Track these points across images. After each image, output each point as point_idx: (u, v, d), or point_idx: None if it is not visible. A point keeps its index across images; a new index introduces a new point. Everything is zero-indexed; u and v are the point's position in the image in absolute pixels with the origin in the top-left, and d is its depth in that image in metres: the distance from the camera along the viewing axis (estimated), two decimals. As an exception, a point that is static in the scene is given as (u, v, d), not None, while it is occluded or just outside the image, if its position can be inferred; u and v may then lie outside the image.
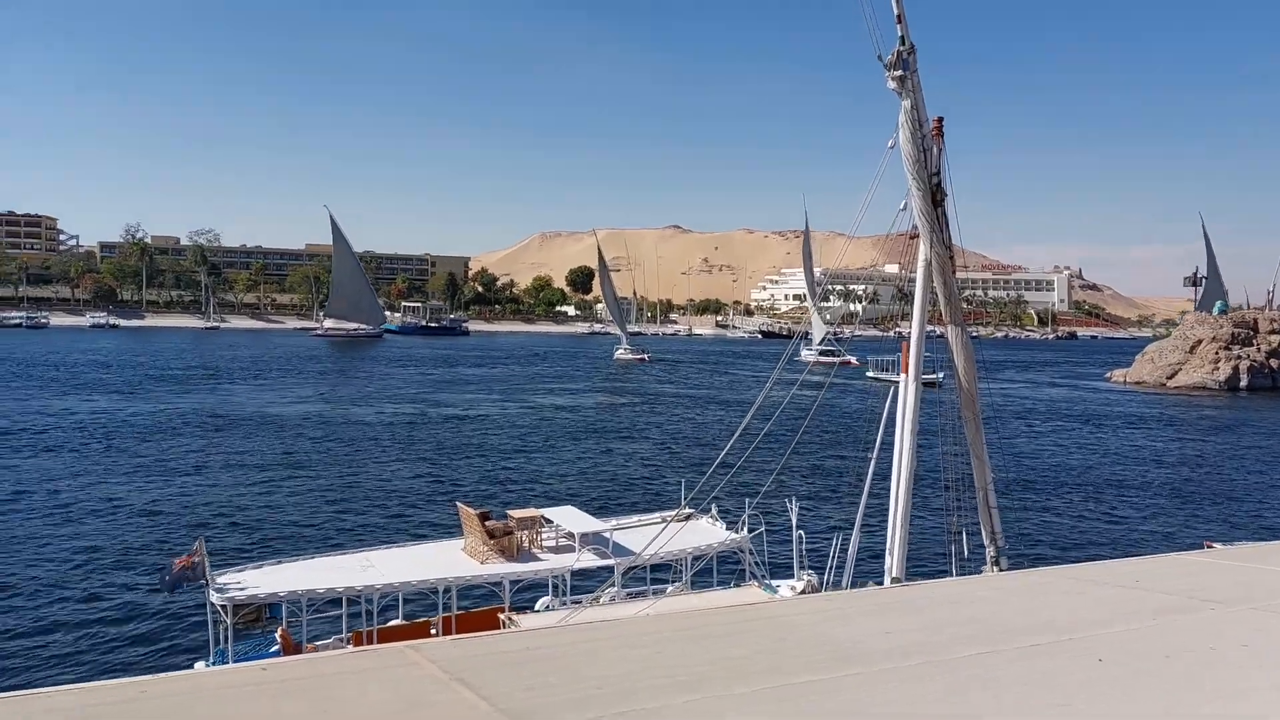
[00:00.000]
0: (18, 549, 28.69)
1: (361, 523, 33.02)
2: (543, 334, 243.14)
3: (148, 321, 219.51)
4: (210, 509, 34.82)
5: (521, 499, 35.34)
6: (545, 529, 20.29)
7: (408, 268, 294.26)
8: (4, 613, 23.04)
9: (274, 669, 5.46)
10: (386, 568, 18.08)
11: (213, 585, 16.64)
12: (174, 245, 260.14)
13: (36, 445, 48.56)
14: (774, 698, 4.49)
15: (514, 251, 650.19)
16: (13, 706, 4.61)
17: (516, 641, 5.92)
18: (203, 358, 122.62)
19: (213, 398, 74.34)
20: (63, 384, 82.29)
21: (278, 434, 54.92)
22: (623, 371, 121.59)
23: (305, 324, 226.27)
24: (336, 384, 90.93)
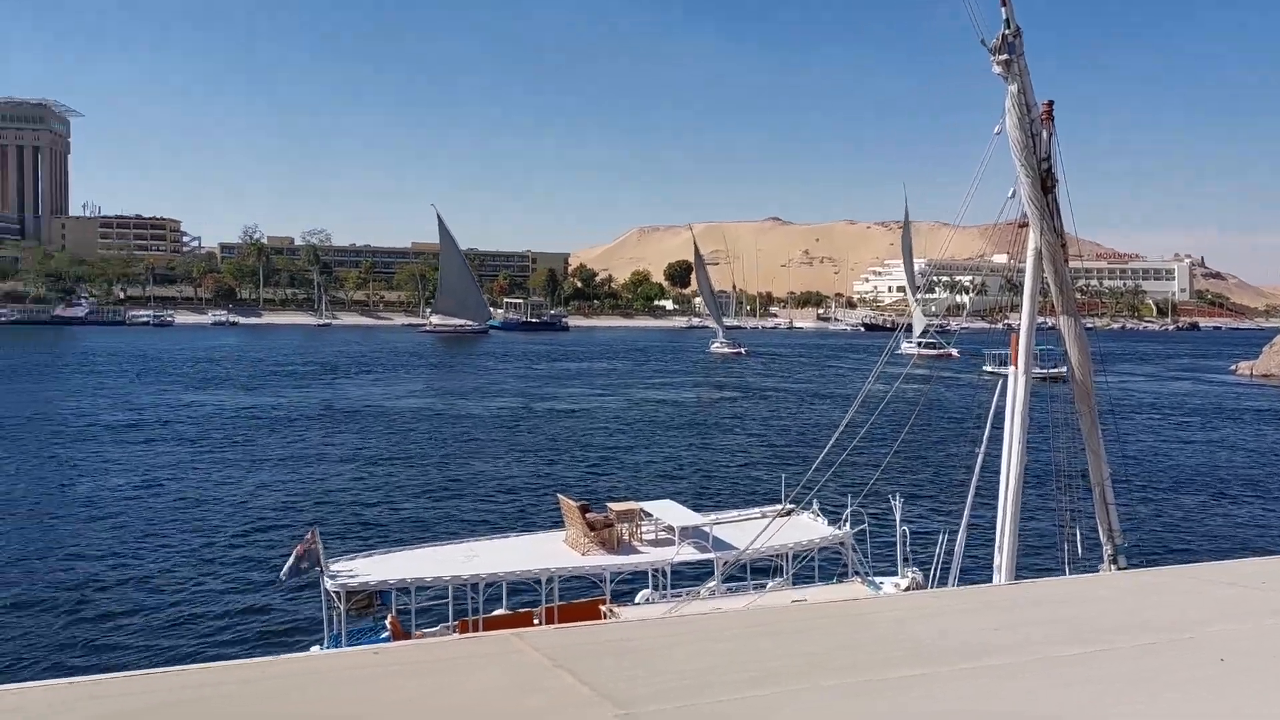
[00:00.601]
0: (149, 535, 30.31)
1: (466, 513, 33.80)
2: (641, 329, 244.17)
3: (265, 319, 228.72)
4: (325, 498, 36.16)
5: (620, 492, 35.61)
6: (645, 522, 20.40)
7: (509, 264, 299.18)
8: (136, 594, 24.38)
9: (385, 653, 5.65)
10: (490, 558, 18.47)
11: (327, 573, 17.27)
12: (288, 245, 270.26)
13: (167, 437, 51.19)
14: (867, 693, 4.44)
15: (612, 247, 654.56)
16: (145, 683, 4.89)
17: (617, 632, 5.99)
18: (317, 354, 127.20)
19: (327, 392, 77.09)
20: (190, 379, 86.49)
21: (388, 427, 56.63)
22: (719, 365, 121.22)
23: (412, 321, 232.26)
24: (444, 379, 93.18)
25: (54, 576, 25.95)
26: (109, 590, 24.81)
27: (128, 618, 22.93)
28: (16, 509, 34.20)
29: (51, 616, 22.85)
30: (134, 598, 24.27)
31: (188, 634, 21.87)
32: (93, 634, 21.80)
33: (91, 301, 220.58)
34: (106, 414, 60.66)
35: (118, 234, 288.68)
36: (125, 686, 4.58)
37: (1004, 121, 13.89)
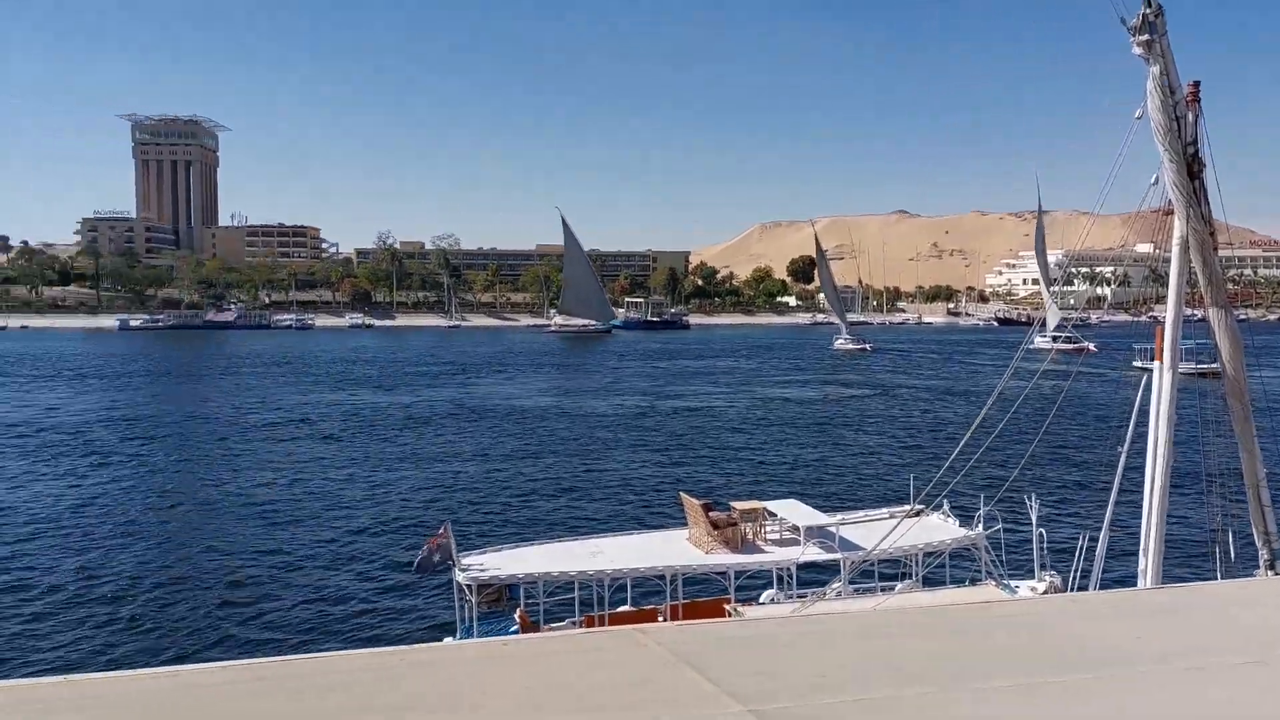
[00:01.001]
0: (294, 526, 31.89)
1: (591, 510, 34.28)
2: (763, 325, 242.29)
3: (398, 321, 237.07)
4: (457, 494, 37.30)
5: (743, 491, 35.46)
6: (769, 522, 20.26)
7: (630, 264, 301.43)
8: (282, 582, 25.68)
9: (514, 644, 5.80)
10: (615, 555, 18.68)
11: (459, 566, 17.81)
12: (419, 250, 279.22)
13: (311, 434, 53.74)
14: (1005, 698, 4.31)
15: (734, 244, 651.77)
16: (286, 669, 5.15)
17: (742, 629, 5.98)
18: (448, 354, 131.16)
19: (459, 391, 79.46)
20: (332, 379, 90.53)
21: (517, 425, 57.95)
22: (843, 362, 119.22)
23: (537, 321, 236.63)
24: (569, 378, 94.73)
25: (208, 564, 27.59)
26: (257, 578, 26.21)
27: (274, 605, 24.17)
28: (177, 501, 36.50)
29: (205, 602, 24.30)
30: (280, 586, 25.56)
31: (328, 621, 22.90)
32: (242, 620, 23.07)
33: (240, 306, 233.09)
34: (257, 412, 64.08)
35: (263, 242, 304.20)
36: (282, 670, 4.85)
37: (1145, 105, 13.21)
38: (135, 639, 21.81)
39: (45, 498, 36.65)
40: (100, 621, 22.84)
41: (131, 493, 38.20)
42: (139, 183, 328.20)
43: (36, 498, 36.64)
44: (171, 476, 41.83)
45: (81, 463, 44.59)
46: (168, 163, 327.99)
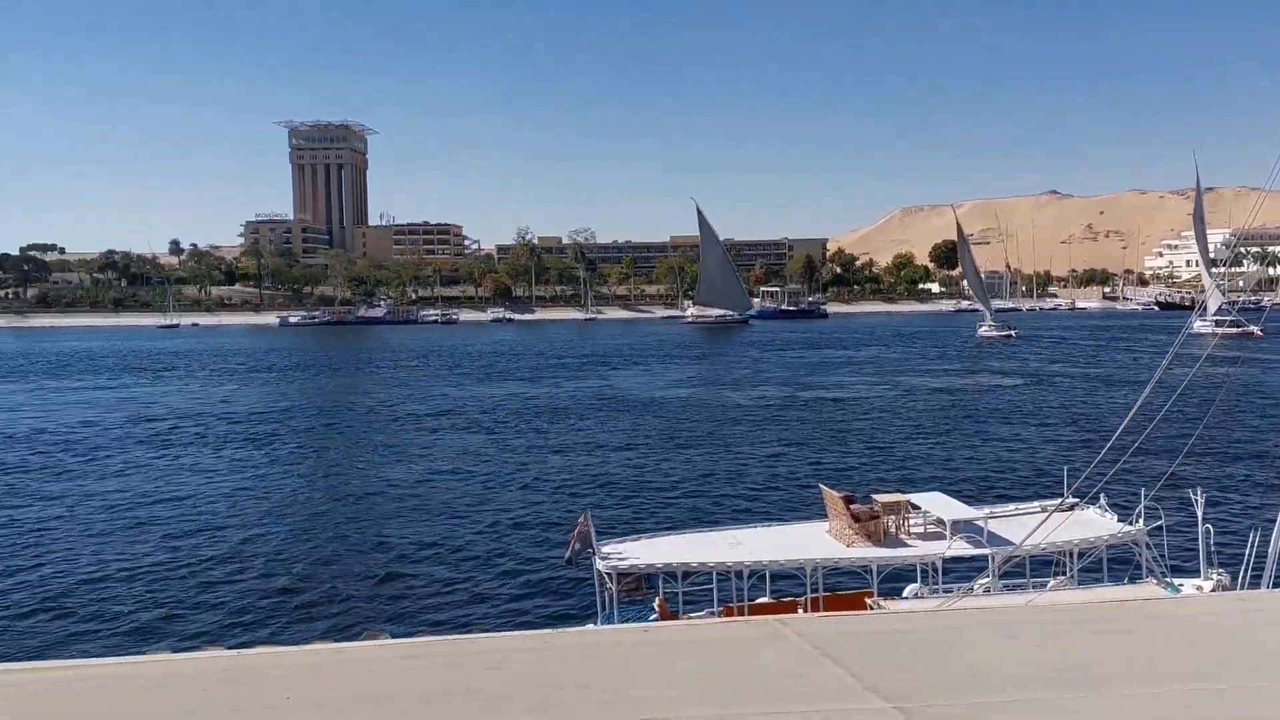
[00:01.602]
0: (442, 514, 33.13)
1: (729, 501, 34.27)
2: (904, 313, 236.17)
3: (537, 315, 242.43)
4: (597, 482, 37.95)
5: (885, 483, 34.74)
6: (913, 515, 19.80)
7: (765, 253, 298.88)
8: (434, 566, 26.72)
9: (655, 631, 5.88)
10: (754, 546, 18.64)
11: (599, 554, 18.13)
12: (556, 244, 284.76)
13: (460, 425, 55.67)
14: (1173, 702, 4.09)
15: (873, 230, 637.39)
16: (444, 648, 5.37)
17: (885, 623, 5.88)
18: (586, 346, 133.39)
19: (598, 382, 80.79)
20: (477, 372, 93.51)
21: (656, 415, 58.48)
22: (987, 349, 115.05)
23: (671, 313, 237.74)
24: (707, 369, 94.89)
25: (363, 548, 29.00)
26: (409, 562, 27.37)
27: (425, 587, 25.21)
28: (335, 488, 38.49)
29: (361, 583, 25.53)
30: (429, 569, 26.62)
31: (473, 603, 23.71)
32: (395, 600, 24.14)
33: (389, 302, 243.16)
34: (407, 404, 66.88)
35: (409, 240, 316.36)
36: (439, 649, 5.07)
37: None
38: (298, 616, 23.12)
39: (217, 483, 39.26)
40: (263, 599, 24.32)
41: (294, 480, 40.51)
42: (295, 186, 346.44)
43: (210, 483, 39.28)
44: (330, 465, 44.14)
45: (249, 452, 47.57)
46: (321, 166, 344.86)
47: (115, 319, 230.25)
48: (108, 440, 51.41)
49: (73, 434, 53.86)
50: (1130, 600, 10.59)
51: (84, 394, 77.10)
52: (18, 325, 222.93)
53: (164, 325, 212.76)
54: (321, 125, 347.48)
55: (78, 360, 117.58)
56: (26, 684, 4.87)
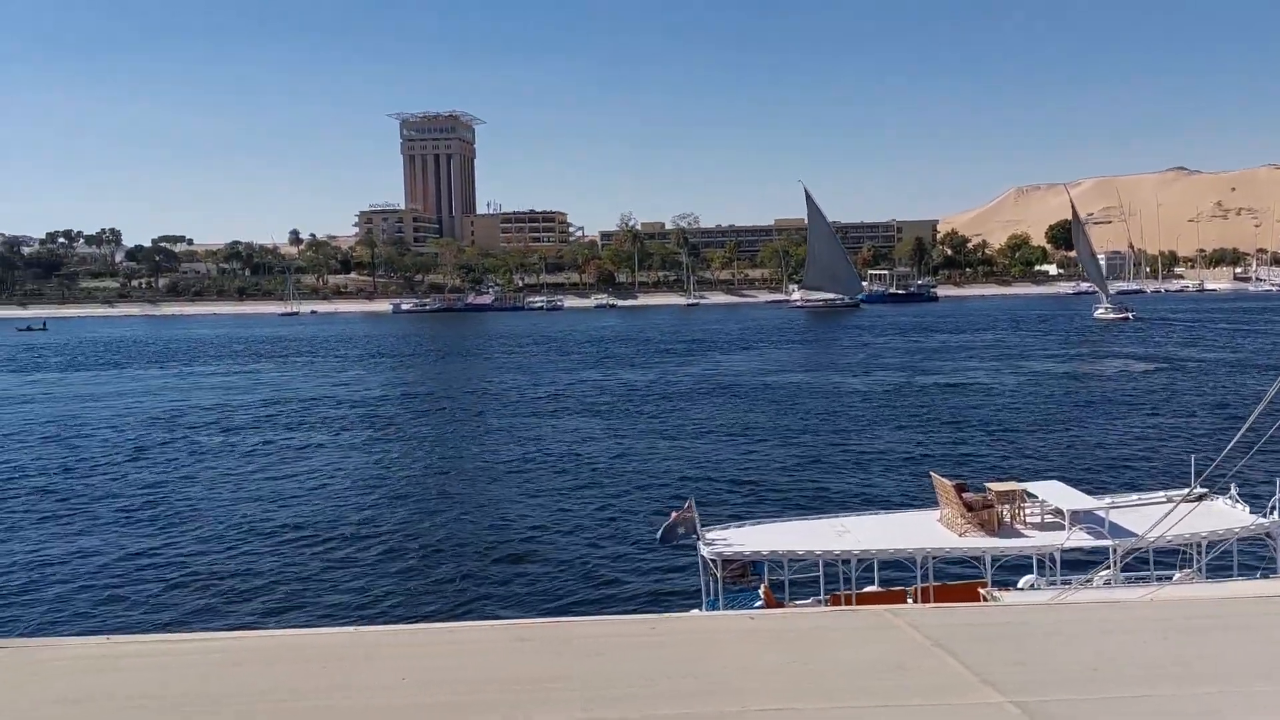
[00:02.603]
0: (548, 497, 33.66)
1: (836, 488, 33.84)
2: (1018, 296, 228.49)
3: (640, 300, 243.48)
4: (701, 467, 37.97)
5: (998, 471, 33.76)
6: (1028, 504, 19.18)
7: (873, 235, 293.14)
8: (536, 546, 27.19)
9: (761, 619, 5.84)
10: (862, 534, 18.35)
11: (703, 540, 18.12)
12: (659, 230, 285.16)
13: (564, 408, 56.45)
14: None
15: (986, 210, 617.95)
16: (552, 631, 5.45)
17: (1000, 615, 5.72)
18: (690, 331, 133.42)
19: (705, 367, 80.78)
20: (583, 357, 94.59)
21: (762, 400, 58.15)
22: (1103, 333, 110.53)
23: (775, 297, 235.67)
24: (815, 353, 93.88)
25: (471, 528, 29.69)
26: (516, 544, 27.90)
27: (528, 567, 25.69)
28: (446, 469, 39.53)
29: (468, 564, 26.15)
30: (539, 551, 27.10)
31: (578, 586, 24.02)
32: (503, 581, 24.65)
33: (496, 289, 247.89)
34: (515, 388, 68.18)
35: (515, 228, 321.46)
36: (546, 631, 5.15)
37: None
38: (411, 595, 23.84)
39: (338, 465, 40.78)
40: (379, 578, 25.16)
41: (409, 462, 41.77)
42: (406, 176, 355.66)
43: (331, 464, 40.84)
44: (444, 448, 45.35)
45: (369, 434, 49.26)
46: (431, 156, 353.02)
47: (239, 307, 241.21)
48: (241, 422, 54.12)
49: (208, 416, 56.80)
50: (1263, 596, 10.02)
51: (217, 378, 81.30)
52: (150, 313, 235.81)
53: (285, 313, 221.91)
54: (431, 116, 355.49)
55: (208, 346, 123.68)
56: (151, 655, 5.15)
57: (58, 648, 5.45)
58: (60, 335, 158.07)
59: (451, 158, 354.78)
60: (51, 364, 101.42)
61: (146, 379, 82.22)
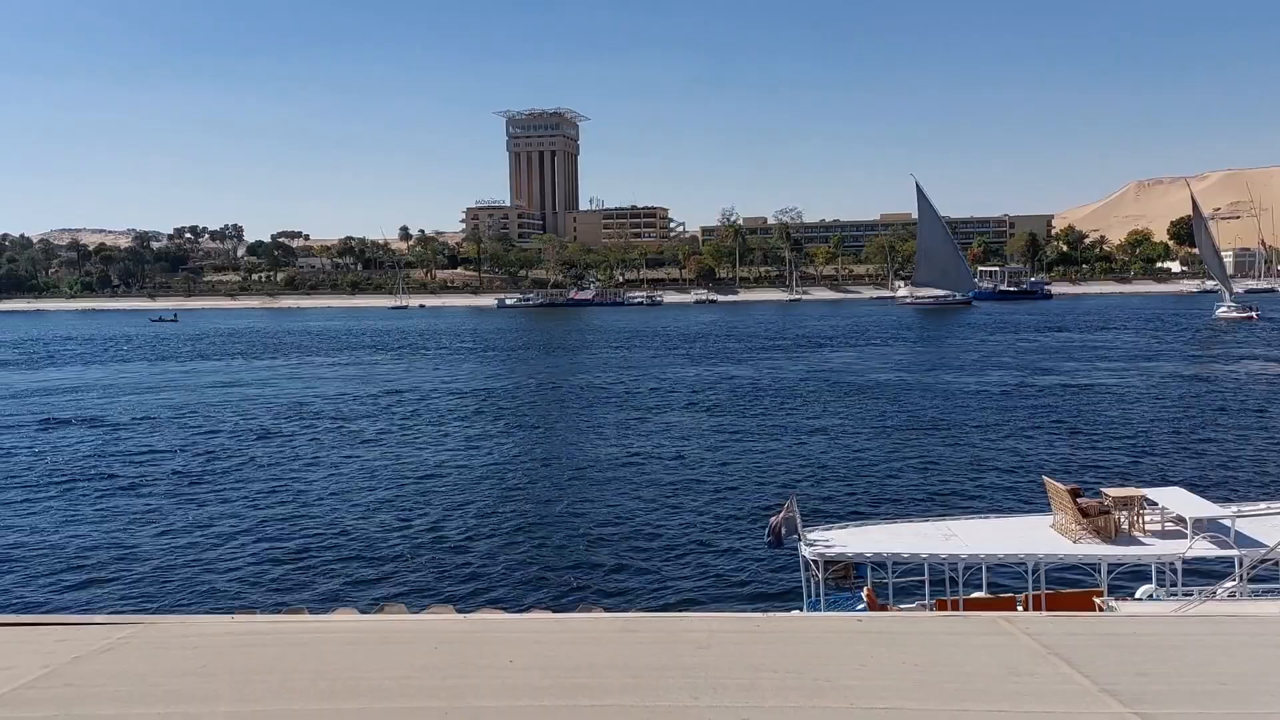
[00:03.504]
0: (648, 491, 33.84)
1: (943, 490, 33.09)
2: (1138, 294, 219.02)
3: (740, 296, 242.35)
4: (803, 466, 37.63)
5: (1116, 476, 32.50)
6: (1148, 510, 18.40)
7: (984, 230, 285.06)
8: (635, 541, 27.37)
9: (870, 621, 5.77)
10: (970, 538, 17.89)
11: (805, 540, 17.95)
12: (761, 225, 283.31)
13: (665, 404, 56.67)
14: None
15: (1104, 205, 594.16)
16: (657, 624, 5.49)
17: (1121, 625, 5.53)
18: (796, 327, 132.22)
19: (812, 364, 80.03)
20: (683, 353, 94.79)
21: (869, 399, 57.31)
22: (1224, 332, 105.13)
23: (880, 293, 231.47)
24: (925, 351, 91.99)
25: (572, 520, 30.09)
26: (614, 537, 28.16)
27: (629, 560, 25.89)
28: (548, 462, 40.14)
29: (568, 555, 26.50)
30: (634, 545, 27.29)
31: (677, 581, 24.08)
32: (604, 573, 24.91)
33: (597, 285, 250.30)
34: (621, 383, 68.78)
35: (617, 223, 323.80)
36: (653, 623, 5.19)
37: None
38: (517, 582, 24.30)
39: (449, 454, 41.85)
40: (486, 565, 25.73)
41: (518, 455, 42.59)
42: (512, 173, 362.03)
43: (442, 453, 41.95)
44: (551, 442, 46.12)
45: (479, 426, 50.45)
46: (535, 153, 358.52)
47: (351, 300, 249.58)
48: (359, 412, 56.30)
49: (328, 406, 59.16)
50: None
51: (336, 369, 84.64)
52: (269, 305, 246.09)
53: (394, 306, 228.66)
54: (537, 113, 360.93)
55: (325, 338, 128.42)
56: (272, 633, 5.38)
57: (186, 624, 5.75)
58: (189, 326, 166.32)
59: (555, 154, 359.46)
60: (182, 354, 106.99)
61: (270, 369, 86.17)
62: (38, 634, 5.28)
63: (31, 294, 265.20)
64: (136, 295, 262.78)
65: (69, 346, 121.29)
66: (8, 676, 4.58)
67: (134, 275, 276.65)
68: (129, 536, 29.21)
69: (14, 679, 4.54)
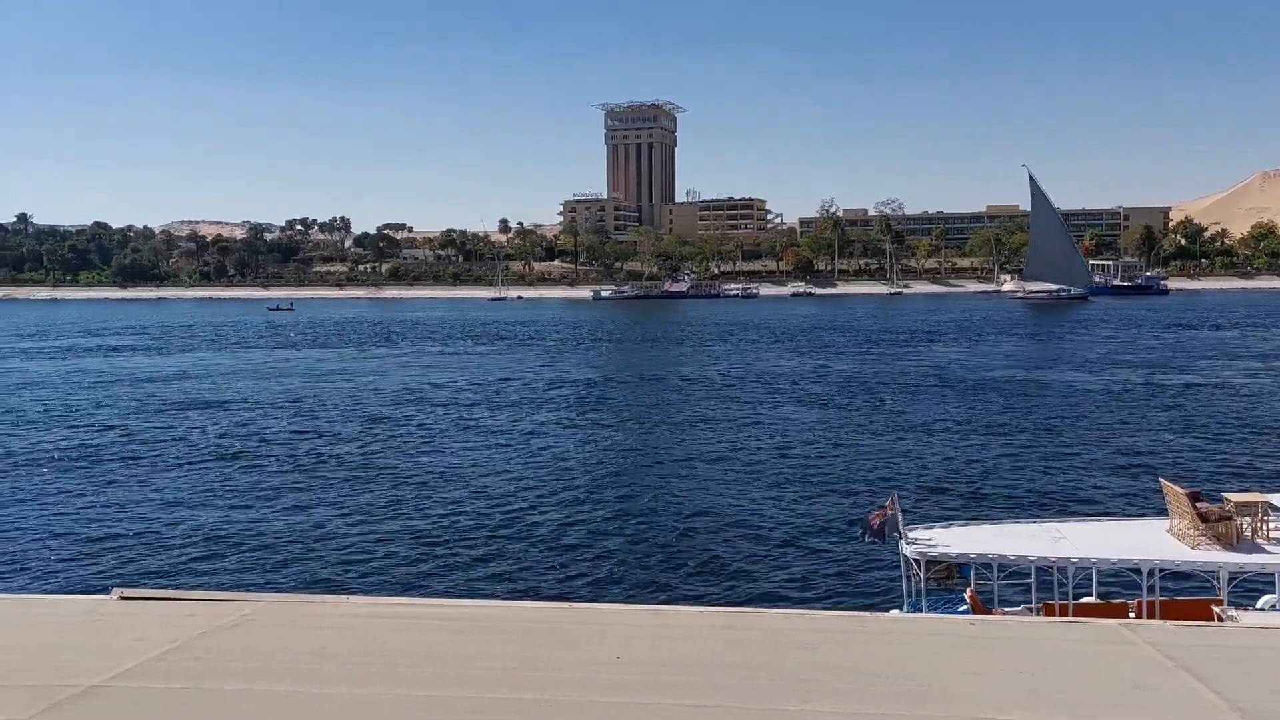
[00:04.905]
0: (746, 484, 33.68)
1: (1052, 491, 32.03)
2: (1262, 290, 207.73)
3: (839, 289, 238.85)
4: (905, 464, 36.90)
5: (1238, 481, 30.94)
6: (1273, 517, 17.47)
7: (1096, 223, 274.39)
8: (731, 533, 27.26)
9: (981, 625, 5.61)
10: (1080, 541, 17.27)
11: (905, 539, 17.58)
12: (862, 217, 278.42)
13: (763, 397, 56.29)
14: None
15: (1226, 196, 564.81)
16: (758, 622, 5.44)
17: (1249, 638, 5.26)
18: (900, 321, 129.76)
19: (914, 359, 78.54)
20: (781, 345, 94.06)
21: (979, 396, 55.85)
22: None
23: (985, 287, 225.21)
24: (1040, 347, 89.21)
25: (669, 511, 30.13)
26: (711, 530, 28.09)
27: (724, 554, 25.79)
28: (645, 452, 40.30)
29: (665, 547, 26.55)
30: (730, 539, 27.17)
31: (771, 577, 23.90)
32: (696, 568, 24.89)
33: (692, 277, 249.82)
34: (718, 376, 68.66)
35: (713, 215, 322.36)
36: (756, 621, 5.16)
37: None
38: (612, 575, 24.49)
39: (545, 444, 42.43)
40: (579, 554, 25.99)
41: (611, 445, 42.94)
42: (609, 166, 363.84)
43: (543, 444, 42.54)
44: (645, 432, 46.32)
45: (572, 416, 50.99)
46: (633, 146, 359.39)
47: (452, 291, 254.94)
48: (465, 400, 57.69)
49: (438, 394, 60.69)
50: None
51: (442, 358, 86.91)
52: (374, 296, 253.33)
53: (493, 298, 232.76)
54: (635, 106, 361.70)
55: (429, 328, 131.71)
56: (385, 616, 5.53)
57: (304, 604, 5.95)
58: (303, 315, 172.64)
59: (653, 146, 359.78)
60: (301, 341, 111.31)
61: (381, 358, 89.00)
62: (168, 608, 5.55)
63: (154, 282, 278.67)
64: (250, 285, 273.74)
65: (204, 333, 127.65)
66: (141, 648, 4.82)
67: (248, 265, 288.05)
68: (253, 515, 30.56)
69: (146, 650, 4.78)
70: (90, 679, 4.37)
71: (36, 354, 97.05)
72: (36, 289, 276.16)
